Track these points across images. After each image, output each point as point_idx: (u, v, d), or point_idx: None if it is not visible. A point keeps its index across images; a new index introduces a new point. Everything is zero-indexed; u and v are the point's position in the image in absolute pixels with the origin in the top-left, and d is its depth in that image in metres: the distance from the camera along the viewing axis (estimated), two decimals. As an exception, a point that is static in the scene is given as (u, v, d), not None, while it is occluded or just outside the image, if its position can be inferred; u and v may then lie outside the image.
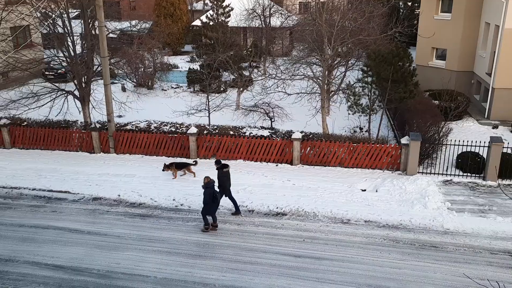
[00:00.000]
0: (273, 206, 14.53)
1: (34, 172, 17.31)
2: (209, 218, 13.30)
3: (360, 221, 13.70)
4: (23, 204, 15.11)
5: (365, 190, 15.60)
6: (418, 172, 16.64)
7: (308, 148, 17.78)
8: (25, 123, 20.39)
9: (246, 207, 14.58)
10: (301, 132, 18.24)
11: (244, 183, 16.12)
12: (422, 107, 19.10)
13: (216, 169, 14.01)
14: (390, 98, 18.55)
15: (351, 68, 22.25)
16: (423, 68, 26.08)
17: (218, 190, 13.47)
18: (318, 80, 19.78)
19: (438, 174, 16.48)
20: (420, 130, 16.97)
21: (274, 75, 20.62)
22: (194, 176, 16.69)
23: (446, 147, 17.26)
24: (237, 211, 14.20)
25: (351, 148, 17.35)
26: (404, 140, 16.84)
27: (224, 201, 14.09)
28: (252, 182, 16.26)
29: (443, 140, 17.30)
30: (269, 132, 18.66)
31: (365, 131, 20.98)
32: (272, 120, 21.54)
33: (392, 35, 20.54)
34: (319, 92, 20.07)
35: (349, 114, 20.45)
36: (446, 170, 16.53)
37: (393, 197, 15.01)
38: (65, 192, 15.79)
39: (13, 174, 17.13)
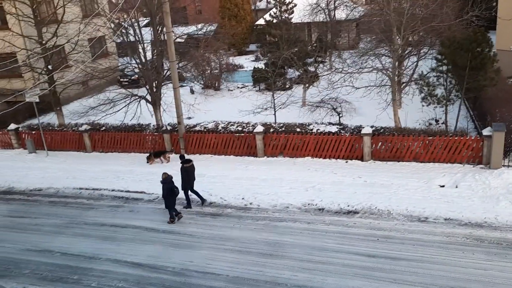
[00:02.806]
0: (344, 204, 14.19)
1: (112, 174, 18.39)
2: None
3: (439, 219, 12.94)
4: (104, 204, 16.11)
5: (443, 186, 14.73)
6: (503, 166, 15.38)
7: (380, 143, 17.18)
8: (103, 128, 21.75)
9: (315, 205, 14.38)
10: (371, 126, 17.68)
11: (313, 180, 15.93)
12: (505, 95, 17.66)
13: (180, 163, 14.98)
14: (469, 87, 17.38)
15: (423, 57, 21.15)
16: (505, 53, 24.00)
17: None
18: (388, 72, 19.03)
19: (527, 167, 15.13)
20: (504, 120, 15.69)
21: (340, 69, 20.16)
22: (167, 162, 18.89)
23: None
24: (203, 202, 15.07)
25: (427, 142, 16.49)
26: (486, 132, 15.67)
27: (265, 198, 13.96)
28: (321, 179, 16.01)
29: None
30: (337, 127, 18.29)
31: (442, 123, 19.88)
32: (340, 115, 21.11)
33: (469, 20, 19.19)
34: (389, 84, 19.31)
35: (423, 106, 19.48)
36: (537, 163, 15.12)
37: (476, 193, 14.01)
38: (141, 192, 16.60)
39: (94, 176, 18.34)
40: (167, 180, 13.94)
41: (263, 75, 25.90)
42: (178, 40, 24.70)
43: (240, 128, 19.52)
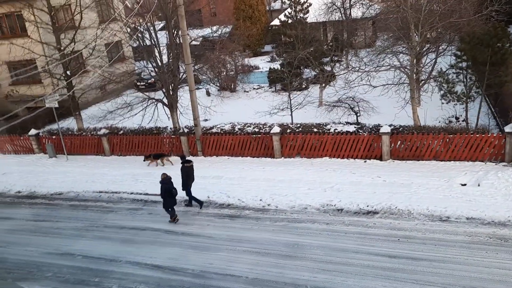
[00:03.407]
0: (363, 204, 14.08)
1: (131, 177, 18.64)
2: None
3: (461, 218, 12.73)
4: (123, 207, 16.33)
5: (465, 185, 14.48)
6: (528, 163, 15.06)
7: (399, 142, 17.00)
8: (121, 131, 22.05)
9: (334, 205, 14.30)
10: (390, 125, 17.52)
11: (331, 181, 15.85)
12: (528, 90, 17.27)
13: (181, 163, 15.39)
14: (489, 83, 17.06)
15: (442, 54, 20.85)
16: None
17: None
18: (406, 70, 18.82)
19: (553, 164, 14.77)
20: (528, 116, 15.35)
21: (357, 68, 20.03)
22: (163, 165, 19.35)
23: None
24: (198, 202, 15.33)
25: (447, 140, 16.25)
26: (508, 128, 15.37)
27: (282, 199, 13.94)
28: (340, 179, 15.93)
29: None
30: (355, 127, 18.18)
31: (462, 121, 19.57)
32: (358, 114, 20.97)
33: (488, 14, 18.86)
34: (408, 82, 19.09)
35: (442, 103, 19.20)
36: None
37: (499, 191, 13.74)
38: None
39: (113, 180, 18.61)
40: (165, 181, 14.30)
41: (279, 76, 25.88)
42: (194, 42, 24.91)
43: (256, 129, 19.56)
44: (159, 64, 22.06)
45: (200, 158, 20.05)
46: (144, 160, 20.01)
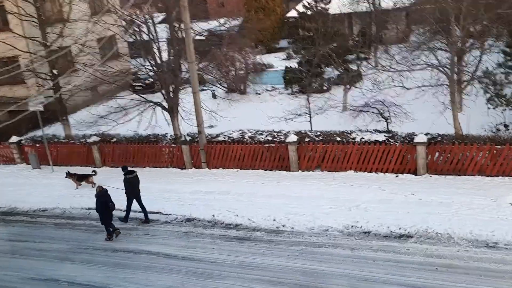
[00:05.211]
0: (395, 227, 13.95)
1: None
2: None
3: (512, 245, 12.55)
4: (116, 226, 16.38)
5: (516, 205, 14.29)
6: None
7: (437, 154, 16.88)
8: (114, 139, 22.26)
9: (360, 227, 14.21)
10: (426, 134, 17.41)
11: (357, 198, 15.76)
12: None
13: (123, 175, 15.97)
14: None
15: (488, 51, 20.69)
16: None
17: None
18: (445, 69, 18.72)
19: None
20: None
21: (388, 67, 19.98)
22: (92, 186, 18.98)
23: None
24: (146, 219, 16.11)
25: (494, 152, 16.06)
26: None
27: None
28: (367, 197, 15.84)
29: None
30: (385, 136, 18.11)
31: (512, 129, 19.35)
32: (388, 121, 20.90)
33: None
34: (447, 83, 18.98)
35: (488, 108, 19.09)
36: None
37: (557, 213, 13.50)
38: (157, 212, 16.83)
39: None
40: (101, 194, 14.97)
41: (297, 76, 25.98)
42: (198, 37, 25.14)
43: (270, 138, 19.57)
44: (159, 62, 22.28)
45: (204, 170, 20.11)
46: (66, 177, 20.03)
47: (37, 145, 23.60)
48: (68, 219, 17.46)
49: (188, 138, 20.74)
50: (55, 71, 23.59)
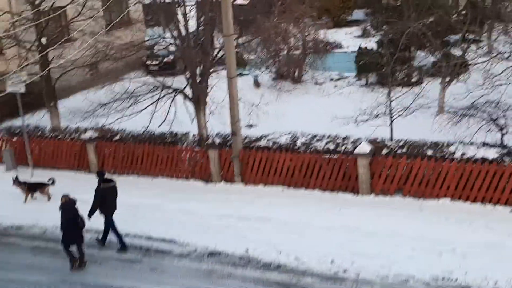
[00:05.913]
0: (505, 283, 13.61)
1: (127, 210, 18.88)
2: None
3: None
4: (112, 256, 16.60)
5: None
6: None
7: None
8: (118, 136, 22.57)
9: (455, 281, 13.95)
10: (560, 152, 16.94)
11: (452, 239, 15.49)
12: None
13: (98, 182, 16.46)
14: None
15: None
16: None
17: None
18: None
19: None
20: None
21: (508, 54, 19.54)
22: (49, 200, 19.88)
23: None
24: (122, 247, 16.45)
25: None
26: None
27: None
28: (467, 238, 15.55)
29: None
30: (497, 152, 17.73)
31: None
32: (504, 131, 20.44)
33: None
34: None
35: None
36: None
37: None
38: (170, 241, 16.95)
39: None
40: (67, 206, 15.23)
41: (375, 61, 25.70)
42: (239, 1, 25.25)
43: (332, 146, 19.47)
44: (183, 33, 22.46)
45: (237, 186, 20.22)
46: (13, 185, 20.57)
47: (14, 138, 24.13)
48: (49, 241, 17.71)
49: (217, 141, 20.83)
50: (43, 40, 24.01)
